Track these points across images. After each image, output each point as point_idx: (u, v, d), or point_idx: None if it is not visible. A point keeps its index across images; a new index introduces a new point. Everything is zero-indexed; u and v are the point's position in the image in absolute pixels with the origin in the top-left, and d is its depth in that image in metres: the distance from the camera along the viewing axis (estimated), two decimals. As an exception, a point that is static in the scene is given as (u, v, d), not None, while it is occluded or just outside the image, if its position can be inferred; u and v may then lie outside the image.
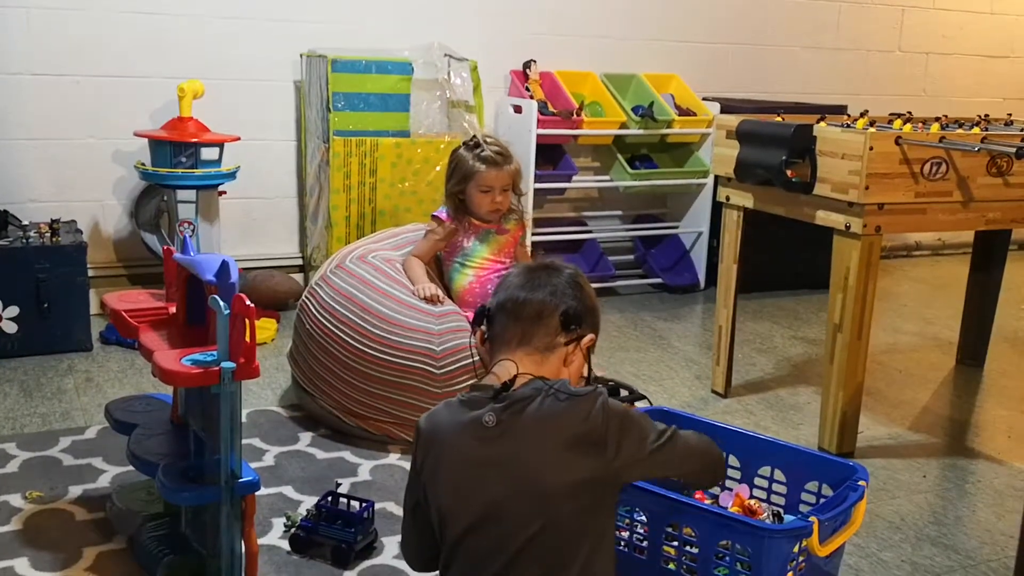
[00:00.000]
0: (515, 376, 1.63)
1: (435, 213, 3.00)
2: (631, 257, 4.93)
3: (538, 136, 4.25)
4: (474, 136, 2.98)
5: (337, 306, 2.81)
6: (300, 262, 4.32)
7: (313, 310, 2.88)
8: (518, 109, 4.34)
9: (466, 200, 2.95)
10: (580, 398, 1.60)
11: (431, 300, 2.81)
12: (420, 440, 1.67)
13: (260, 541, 2.16)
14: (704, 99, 4.72)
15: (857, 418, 2.89)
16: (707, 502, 2.19)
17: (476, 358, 2.77)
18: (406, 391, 2.75)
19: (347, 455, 2.74)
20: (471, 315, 2.84)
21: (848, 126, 3.02)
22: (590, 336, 1.74)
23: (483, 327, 1.75)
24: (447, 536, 1.63)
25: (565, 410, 1.59)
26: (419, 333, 2.74)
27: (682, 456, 1.70)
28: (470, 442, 1.61)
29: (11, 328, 3.40)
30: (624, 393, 2.72)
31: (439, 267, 3.11)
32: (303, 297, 2.98)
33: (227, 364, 1.78)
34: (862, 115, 3.32)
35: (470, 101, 4.22)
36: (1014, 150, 2.65)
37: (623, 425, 1.60)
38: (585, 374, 1.77)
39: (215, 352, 1.82)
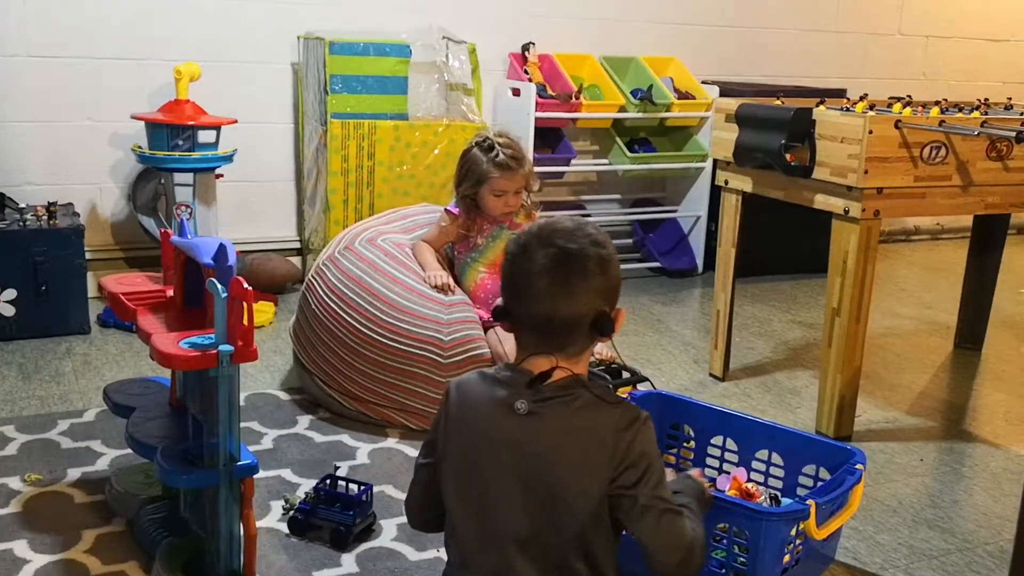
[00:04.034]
0: (553, 368, 1.57)
1: (448, 208, 2.95)
2: (629, 241, 4.93)
3: (536, 119, 4.24)
4: (487, 137, 2.88)
5: (345, 289, 2.80)
6: (298, 245, 4.32)
7: (320, 291, 2.87)
8: (516, 92, 4.33)
9: (478, 201, 2.90)
10: (619, 412, 1.56)
11: (442, 289, 2.80)
12: (448, 405, 1.65)
13: (259, 524, 2.16)
14: (703, 82, 4.71)
15: (855, 402, 2.90)
16: (705, 485, 2.19)
17: (485, 350, 2.76)
18: (411, 378, 2.74)
19: (345, 438, 2.74)
20: (482, 312, 2.85)
21: (847, 110, 3.01)
22: (621, 315, 1.62)
23: (507, 322, 1.65)
24: (450, 511, 1.63)
25: (599, 418, 1.55)
26: (428, 322, 2.73)
27: (665, 538, 1.55)
28: (496, 421, 1.58)
29: (9, 311, 3.40)
30: (627, 375, 2.72)
31: (449, 261, 3.08)
32: (310, 276, 2.96)
33: (225, 347, 1.78)
34: (861, 99, 3.31)
35: (468, 84, 4.21)
36: (1014, 134, 2.65)
37: (640, 458, 1.54)
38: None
39: (213, 335, 1.82)
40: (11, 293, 3.39)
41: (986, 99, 3.52)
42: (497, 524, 1.57)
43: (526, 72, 4.42)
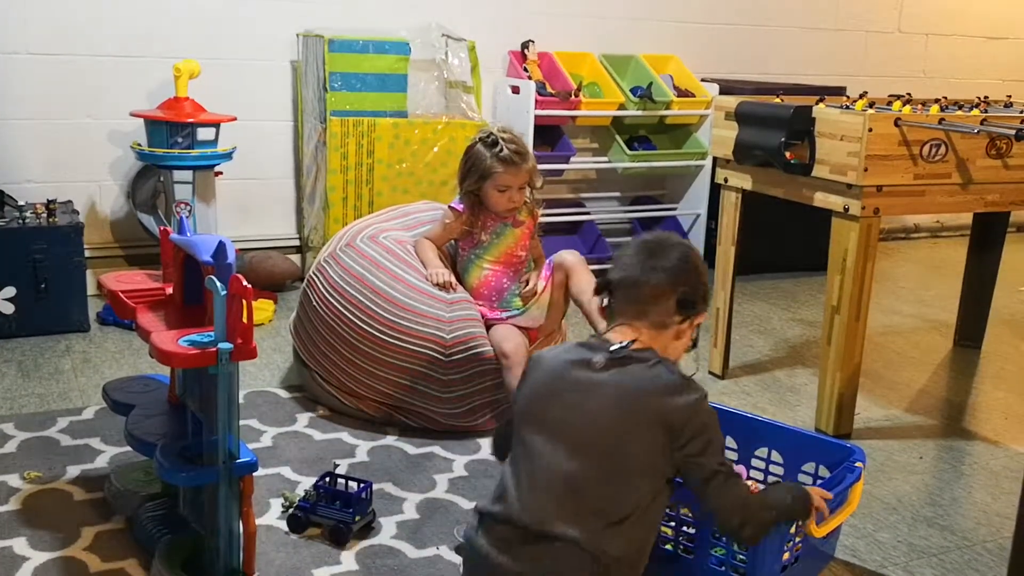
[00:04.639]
0: (634, 340, 1.76)
1: (452, 204, 2.93)
2: (629, 239, 4.91)
3: (536, 117, 4.23)
4: (491, 133, 2.87)
5: (346, 286, 2.80)
6: (297, 243, 4.31)
7: (321, 287, 2.86)
8: (516, 90, 4.33)
9: (481, 197, 2.88)
10: (685, 384, 1.71)
11: (444, 287, 2.80)
12: (529, 364, 1.85)
13: (258, 521, 2.17)
14: (703, 80, 4.70)
15: (854, 400, 2.90)
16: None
17: (487, 348, 2.76)
18: (411, 376, 2.74)
19: (345, 436, 2.74)
20: (485, 309, 2.84)
21: (847, 107, 3.02)
22: (703, 315, 1.85)
23: (603, 297, 1.85)
24: (512, 452, 1.76)
25: (666, 385, 1.70)
26: (429, 319, 2.73)
27: (728, 499, 1.70)
28: (570, 368, 1.75)
29: (8, 309, 3.40)
30: None
31: (452, 258, 3.07)
32: (311, 272, 2.95)
33: (224, 345, 1.78)
34: (861, 96, 3.31)
35: (468, 82, 4.21)
36: (1013, 132, 2.65)
37: (703, 429, 1.69)
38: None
39: (212, 333, 1.82)
40: (10, 291, 3.39)
41: (986, 97, 3.52)
42: (549, 469, 1.67)
43: (525, 70, 4.41)
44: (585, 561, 1.60)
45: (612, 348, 1.74)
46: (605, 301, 1.85)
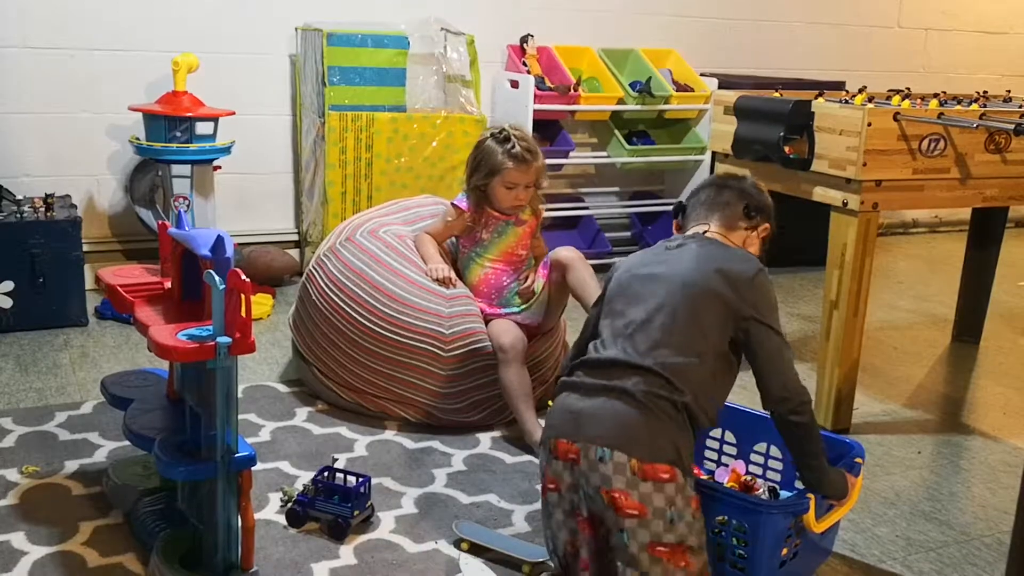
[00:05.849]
0: (706, 231, 2.07)
1: (455, 201, 2.91)
2: (628, 234, 4.92)
3: (535, 112, 4.23)
4: (503, 128, 2.85)
5: (346, 281, 2.80)
6: (296, 238, 4.31)
7: (320, 282, 2.86)
8: (515, 84, 4.32)
9: (487, 193, 2.86)
10: (751, 257, 1.99)
11: (443, 282, 2.79)
12: (612, 269, 2.09)
13: (256, 516, 2.17)
14: (702, 74, 4.70)
15: (853, 395, 2.90)
16: (703, 477, 2.20)
17: (487, 343, 2.75)
18: (410, 371, 2.74)
19: (343, 430, 2.74)
20: (484, 306, 2.84)
21: (846, 102, 3.01)
22: (766, 226, 2.12)
23: (679, 219, 2.17)
24: (597, 330, 1.98)
25: (735, 254, 1.98)
26: (429, 315, 2.73)
27: (780, 363, 1.90)
28: (649, 254, 2.05)
29: (6, 303, 3.39)
30: None
31: (452, 254, 3.05)
32: (311, 266, 2.95)
33: (223, 339, 1.78)
34: (860, 91, 3.30)
35: (467, 76, 4.20)
36: (1012, 127, 2.65)
37: (764, 297, 1.91)
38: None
39: (211, 327, 1.82)
40: (8, 285, 3.39)
41: (985, 92, 3.52)
42: (631, 322, 1.90)
43: (524, 64, 4.41)
44: (664, 385, 1.82)
45: (687, 234, 2.06)
46: (679, 221, 2.16)
